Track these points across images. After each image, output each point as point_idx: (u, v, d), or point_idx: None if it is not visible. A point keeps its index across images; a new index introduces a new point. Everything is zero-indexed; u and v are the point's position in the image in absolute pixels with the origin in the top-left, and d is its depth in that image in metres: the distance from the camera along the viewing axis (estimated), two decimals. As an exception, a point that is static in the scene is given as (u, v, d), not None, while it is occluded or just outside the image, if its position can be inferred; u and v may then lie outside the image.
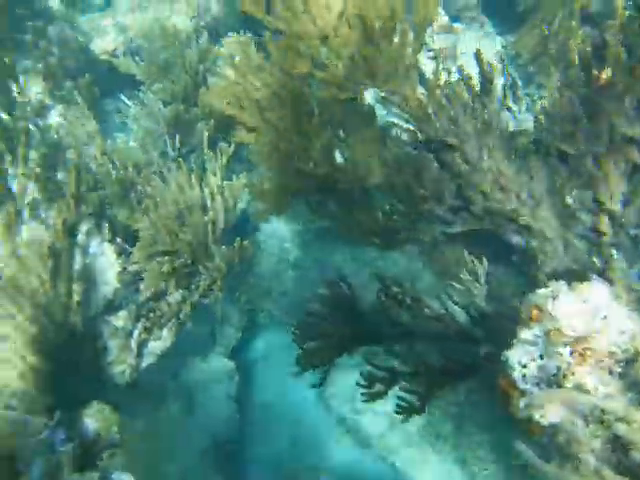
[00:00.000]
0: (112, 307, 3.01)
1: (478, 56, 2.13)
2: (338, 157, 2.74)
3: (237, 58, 3.23)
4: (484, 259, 2.05)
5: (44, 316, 2.40)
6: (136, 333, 3.02)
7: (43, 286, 2.38)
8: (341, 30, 2.48)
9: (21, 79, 2.70)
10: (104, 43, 4.16)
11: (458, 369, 2.06)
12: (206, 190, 2.89)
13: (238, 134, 2.69)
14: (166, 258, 2.78)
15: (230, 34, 3.71)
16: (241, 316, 4.28)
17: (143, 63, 3.80)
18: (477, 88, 2.17)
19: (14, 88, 2.68)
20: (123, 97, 3.51)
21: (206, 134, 3.11)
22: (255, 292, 4.24)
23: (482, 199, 2.10)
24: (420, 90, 2.58)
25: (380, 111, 3.32)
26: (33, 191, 2.79)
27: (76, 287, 2.69)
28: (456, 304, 2.03)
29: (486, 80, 2.11)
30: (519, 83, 3.22)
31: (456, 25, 3.45)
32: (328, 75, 2.46)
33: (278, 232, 4.29)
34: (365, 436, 3.83)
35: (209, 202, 2.89)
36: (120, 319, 3.02)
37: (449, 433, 3.53)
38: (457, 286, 2.02)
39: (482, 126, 2.09)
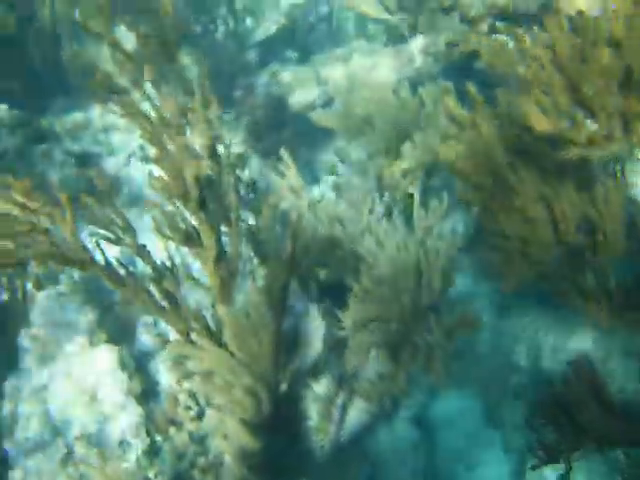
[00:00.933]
0: (315, 371, 2.87)
1: None
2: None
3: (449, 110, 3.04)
4: None
5: (260, 385, 2.29)
6: (339, 401, 2.85)
7: (262, 352, 2.27)
8: (596, 81, 2.17)
9: (226, 137, 2.66)
10: (302, 96, 4.19)
11: None
12: (420, 251, 2.68)
13: (463, 194, 2.47)
14: (376, 325, 2.58)
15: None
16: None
17: (342, 116, 3.74)
18: None
19: (219, 145, 2.65)
20: (334, 155, 3.43)
21: (416, 190, 2.92)
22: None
23: None
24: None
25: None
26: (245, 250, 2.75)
27: (285, 351, 2.57)
28: None
29: None
30: None
31: None
32: (578, 132, 2.15)
33: (464, 289, 3.99)
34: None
35: (424, 264, 2.66)
36: (322, 385, 2.87)
37: None
38: None
39: None
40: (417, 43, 3.85)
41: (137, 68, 3.38)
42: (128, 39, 3.89)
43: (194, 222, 2.59)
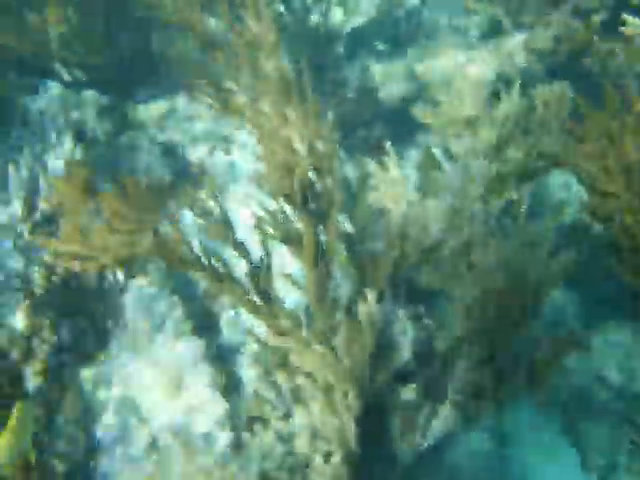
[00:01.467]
0: (403, 378, 2.77)
1: None
2: None
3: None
4: None
5: (357, 389, 2.22)
6: (424, 411, 2.74)
7: (363, 357, 2.20)
8: None
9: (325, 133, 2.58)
10: (392, 90, 4.07)
11: None
12: (527, 260, 2.53)
13: (592, 203, 2.31)
14: (480, 337, 2.46)
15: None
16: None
17: (441, 113, 3.60)
18: None
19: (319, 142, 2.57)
20: (434, 150, 3.29)
21: (522, 195, 2.77)
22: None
23: None
24: None
25: None
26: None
27: (378, 357, 2.49)
28: None
29: None
30: None
31: None
32: None
33: (554, 301, 3.79)
34: None
35: (532, 274, 2.51)
36: (408, 391, 2.77)
37: None
38: None
39: None
40: (519, 37, 3.66)
41: (230, 59, 3.33)
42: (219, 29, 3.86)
43: (295, 220, 2.53)
